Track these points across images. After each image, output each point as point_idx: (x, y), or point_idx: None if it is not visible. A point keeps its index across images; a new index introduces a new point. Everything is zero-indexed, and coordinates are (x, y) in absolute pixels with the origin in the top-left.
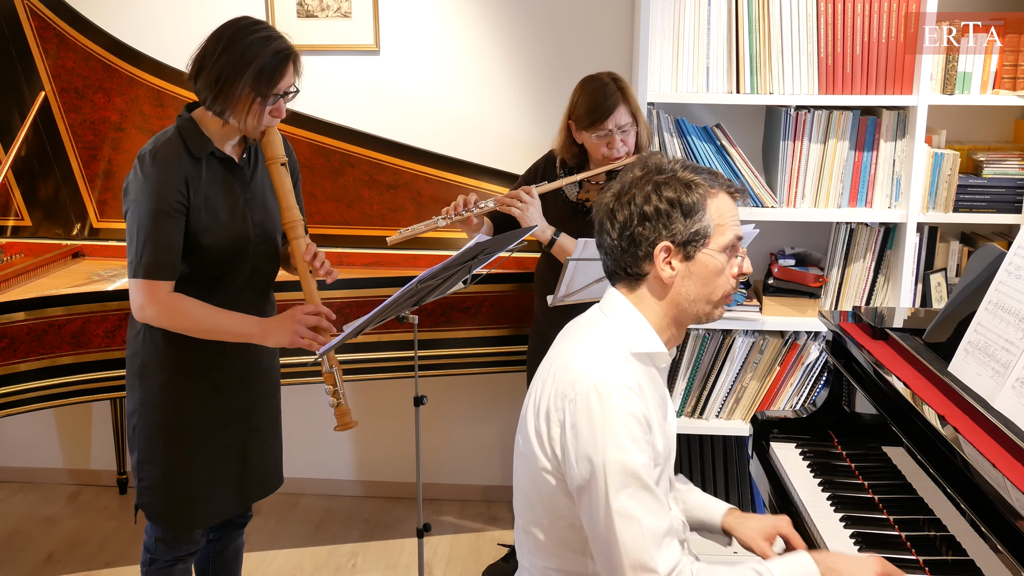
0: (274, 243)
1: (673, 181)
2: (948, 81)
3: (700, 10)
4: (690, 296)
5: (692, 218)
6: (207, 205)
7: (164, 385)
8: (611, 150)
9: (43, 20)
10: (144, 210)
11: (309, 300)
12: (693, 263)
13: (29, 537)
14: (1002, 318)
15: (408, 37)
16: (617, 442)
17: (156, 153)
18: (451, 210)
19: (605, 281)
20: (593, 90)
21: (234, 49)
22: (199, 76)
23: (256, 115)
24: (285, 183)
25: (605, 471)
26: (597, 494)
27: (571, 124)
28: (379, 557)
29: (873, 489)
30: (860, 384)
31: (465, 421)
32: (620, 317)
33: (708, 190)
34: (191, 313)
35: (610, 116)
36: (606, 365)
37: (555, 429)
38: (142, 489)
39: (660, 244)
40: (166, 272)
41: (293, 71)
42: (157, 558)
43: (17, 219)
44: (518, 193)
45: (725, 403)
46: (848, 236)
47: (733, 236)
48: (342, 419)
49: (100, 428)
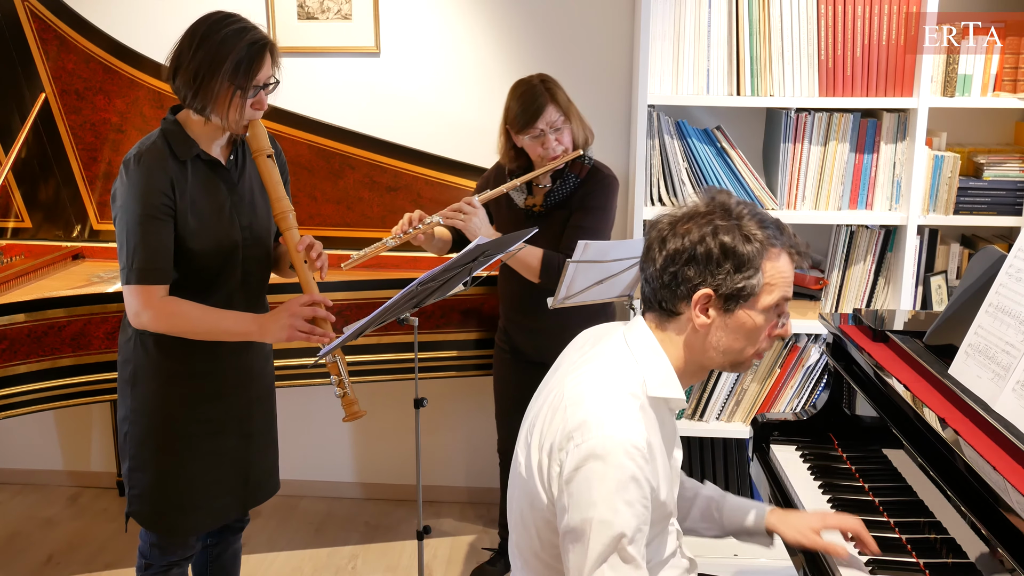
0: (265, 246)
1: (735, 229)
2: (948, 83)
3: (700, 12)
4: (719, 347)
5: (742, 273)
6: (193, 208)
7: (156, 392)
8: (547, 150)
9: (44, 22)
10: (132, 215)
11: (306, 291)
12: (730, 317)
13: (29, 539)
14: (1002, 320)
15: (408, 39)
16: (610, 504)
17: (140, 157)
18: (399, 229)
19: (607, 283)
20: (522, 93)
21: (209, 44)
22: (176, 75)
23: (237, 109)
24: (273, 174)
25: (591, 530)
26: (582, 550)
27: (508, 129)
28: (379, 559)
29: (873, 491)
30: (860, 386)
31: (465, 423)
32: (644, 356)
33: (768, 248)
34: (187, 315)
35: (540, 116)
36: (619, 418)
37: (555, 468)
38: (133, 497)
39: (701, 291)
40: (159, 276)
41: (271, 62)
42: (152, 563)
43: (17, 221)
44: (460, 204)
45: (725, 405)
46: (848, 238)
47: (780, 297)
48: (349, 409)
49: (100, 430)
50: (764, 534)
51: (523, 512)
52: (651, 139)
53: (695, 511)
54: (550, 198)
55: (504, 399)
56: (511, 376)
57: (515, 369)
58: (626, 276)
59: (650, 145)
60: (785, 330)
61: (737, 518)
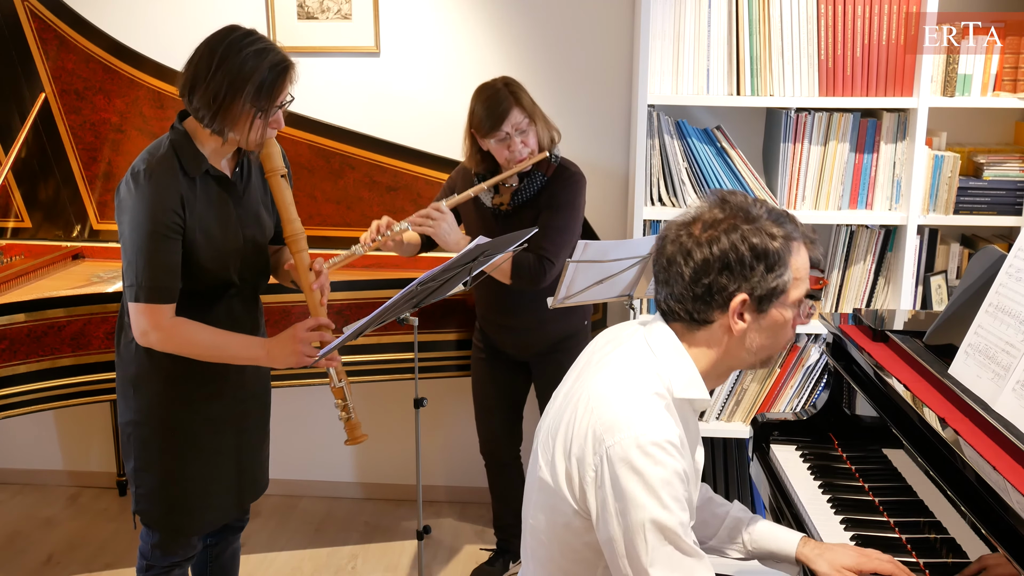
0: (264, 254)
1: (759, 231)
2: (948, 83)
3: (700, 12)
4: (753, 348)
5: (774, 272)
6: (201, 224)
7: (158, 392)
8: (513, 152)
9: (43, 22)
10: (142, 232)
11: (313, 314)
12: (764, 317)
13: (29, 539)
14: (1002, 320)
15: (408, 39)
16: (660, 501)
17: (151, 173)
18: (367, 237)
19: (607, 283)
20: (487, 97)
21: (229, 65)
22: (193, 94)
23: (258, 130)
24: (286, 196)
25: (645, 531)
26: (634, 554)
27: (473, 133)
28: (379, 559)
29: (873, 491)
30: (860, 386)
31: (465, 423)
32: (669, 358)
33: (791, 243)
34: (196, 340)
35: (505, 119)
36: (649, 416)
37: (589, 473)
38: (139, 496)
39: (739, 297)
40: (167, 295)
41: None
42: (153, 564)
43: (17, 221)
44: (428, 211)
45: (725, 405)
46: (848, 238)
47: (805, 289)
48: (352, 433)
49: (100, 430)
50: (792, 562)
51: (543, 519)
52: (651, 139)
53: (723, 531)
54: (517, 197)
55: (485, 400)
56: (488, 376)
57: (492, 369)
58: (626, 276)
59: (650, 145)
60: (810, 317)
61: (766, 543)
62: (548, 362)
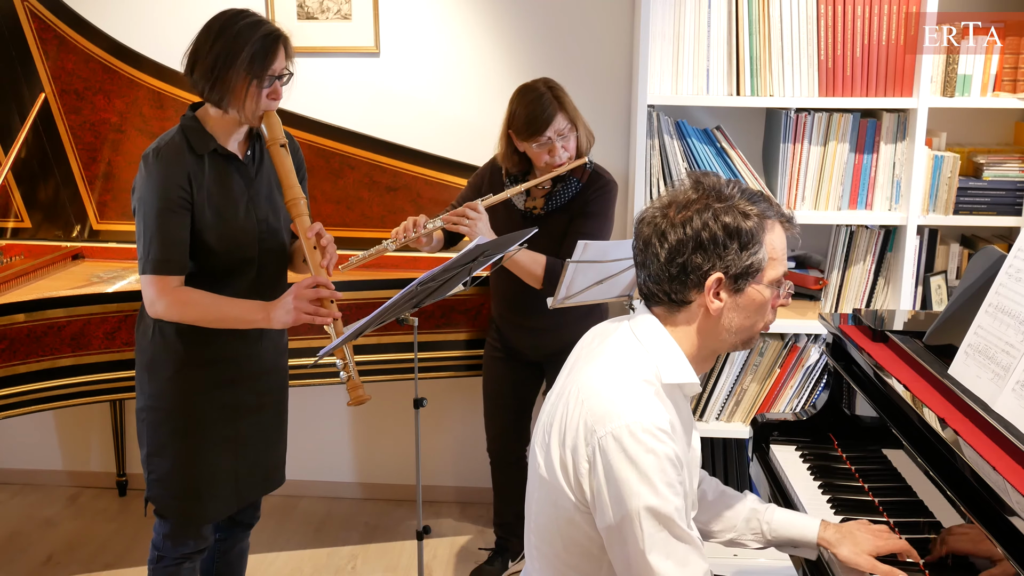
0: (281, 240)
1: (732, 209)
2: (948, 83)
3: (700, 12)
4: (732, 327)
5: (748, 250)
6: (210, 201)
7: (171, 378)
8: (553, 157)
9: (43, 22)
10: (150, 208)
11: (315, 274)
12: (741, 296)
13: (29, 539)
14: (1002, 321)
15: (408, 39)
16: (653, 488)
17: (159, 151)
18: (400, 233)
19: (607, 283)
20: (530, 101)
21: (226, 37)
22: (194, 68)
23: (254, 99)
24: (286, 163)
25: (640, 518)
26: (631, 541)
27: (511, 134)
28: (379, 559)
29: (873, 491)
30: (860, 387)
31: (465, 424)
32: (655, 345)
33: (765, 221)
34: (198, 303)
35: (549, 126)
36: (639, 403)
37: (583, 464)
38: (151, 482)
39: (713, 275)
40: (174, 267)
41: (284, 54)
42: (165, 555)
43: (17, 221)
44: (464, 210)
45: (725, 405)
46: (848, 238)
47: (783, 270)
48: (354, 392)
49: (99, 430)
50: (813, 548)
51: (545, 514)
52: (651, 139)
53: (740, 523)
54: (551, 201)
55: (496, 398)
56: (504, 375)
57: (509, 369)
58: (625, 276)
59: (650, 145)
60: (788, 299)
61: (785, 530)
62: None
